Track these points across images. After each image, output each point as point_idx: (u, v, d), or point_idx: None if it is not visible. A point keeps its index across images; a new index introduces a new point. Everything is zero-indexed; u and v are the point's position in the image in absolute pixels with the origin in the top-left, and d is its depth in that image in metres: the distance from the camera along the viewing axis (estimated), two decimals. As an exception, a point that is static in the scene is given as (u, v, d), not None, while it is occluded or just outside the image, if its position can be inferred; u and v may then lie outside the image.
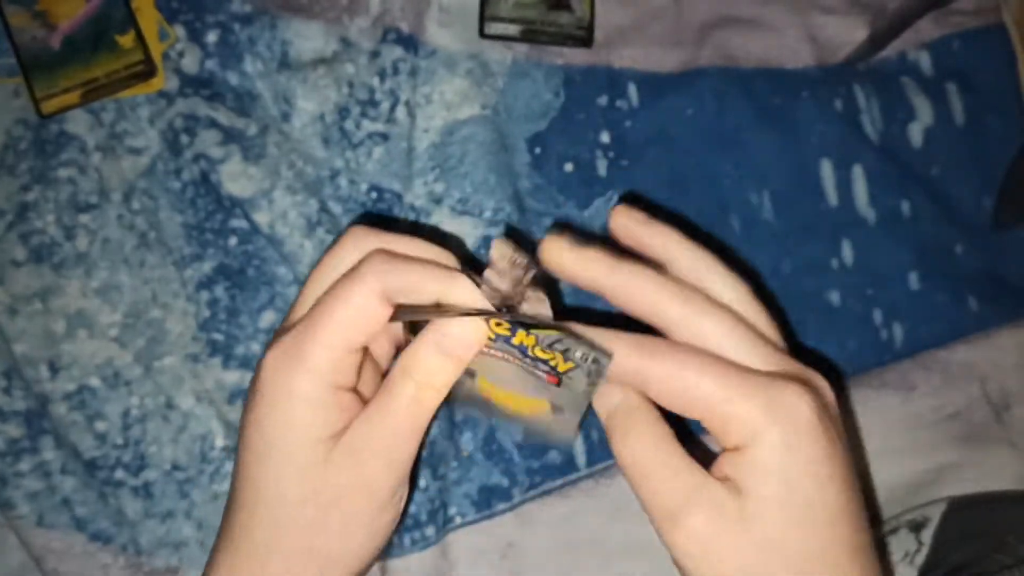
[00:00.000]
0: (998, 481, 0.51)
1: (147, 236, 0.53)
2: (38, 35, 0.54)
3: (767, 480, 0.31)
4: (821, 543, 0.31)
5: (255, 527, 0.34)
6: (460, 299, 0.33)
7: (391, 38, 0.56)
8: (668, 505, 0.32)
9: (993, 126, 0.57)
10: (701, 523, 0.31)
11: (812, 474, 0.31)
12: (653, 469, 0.32)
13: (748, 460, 0.31)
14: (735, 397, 0.31)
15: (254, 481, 0.34)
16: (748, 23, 0.58)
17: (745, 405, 0.31)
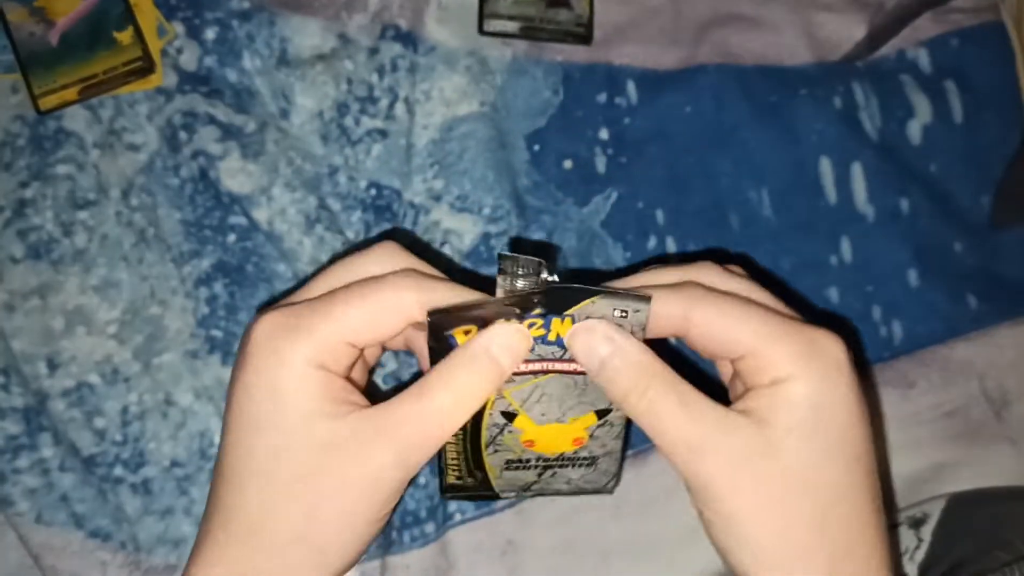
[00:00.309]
0: (997, 478, 0.51)
1: (146, 233, 0.53)
2: (36, 31, 0.54)
3: (800, 413, 0.31)
4: (846, 478, 0.32)
5: (244, 506, 0.32)
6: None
7: (390, 35, 0.56)
8: (692, 438, 0.31)
9: (991, 124, 0.57)
10: (727, 452, 0.31)
11: (845, 411, 0.32)
12: (673, 410, 0.32)
13: (782, 394, 0.32)
14: (777, 335, 0.32)
15: (246, 450, 0.32)
16: (747, 21, 0.58)
17: (785, 343, 0.32)
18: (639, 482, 0.51)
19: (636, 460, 0.52)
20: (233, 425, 0.33)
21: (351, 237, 0.54)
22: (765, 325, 0.32)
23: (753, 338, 0.32)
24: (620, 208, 0.55)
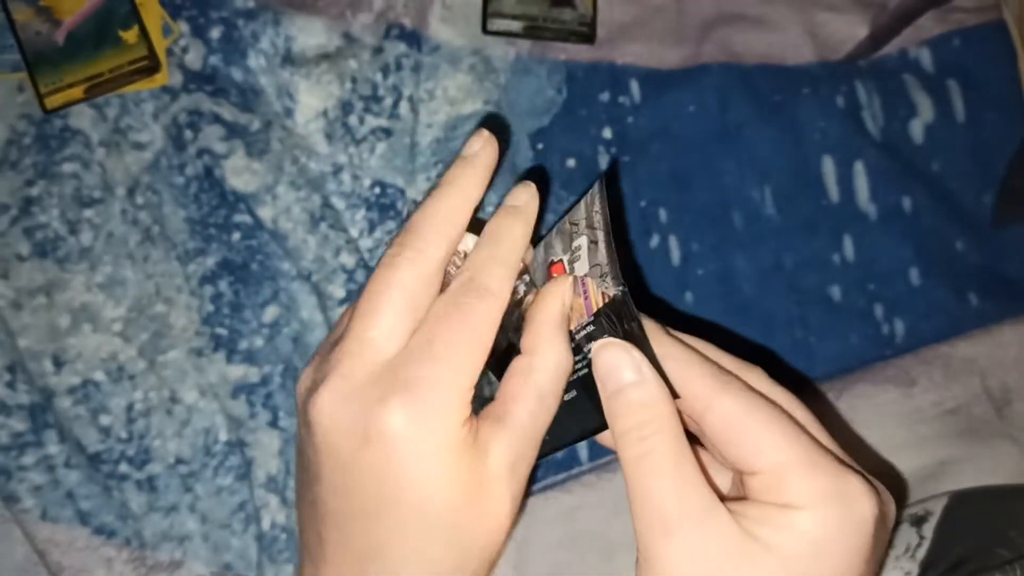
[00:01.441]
0: (999, 475, 0.51)
1: (151, 231, 0.54)
2: (42, 30, 0.54)
3: (799, 545, 0.28)
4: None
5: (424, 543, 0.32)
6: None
7: (394, 34, 0.56)
8: (665, 512, 0.29)
9: (994, 122, 0.57)
10: (699, 543, 0.28)
11: (846, 566, 0.29)
12: (663, 473, 0.29)
13: (788, 519, 0.29)
14: (807, 461, 0.29)
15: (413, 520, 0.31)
16: (750, 20, 0.58)
17: (812, 474, 0.29)
18: None
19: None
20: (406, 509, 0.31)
21: (355, 235, 0.54)
22: (797, 444, 0.29)
23: (776, 453, 0.29)
24: (623, 207, 0.55)
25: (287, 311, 0.53)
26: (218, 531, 0.51)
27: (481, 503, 0.31)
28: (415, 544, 0.31)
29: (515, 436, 0.32)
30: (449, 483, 0.31)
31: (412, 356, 0.31)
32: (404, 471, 0.30)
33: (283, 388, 0.52)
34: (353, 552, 0.32)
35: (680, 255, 0.55)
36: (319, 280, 0.53)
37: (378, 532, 0.31)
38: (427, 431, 0.30)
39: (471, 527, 0.31)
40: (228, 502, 0.52)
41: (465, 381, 0.31)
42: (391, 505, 0.31)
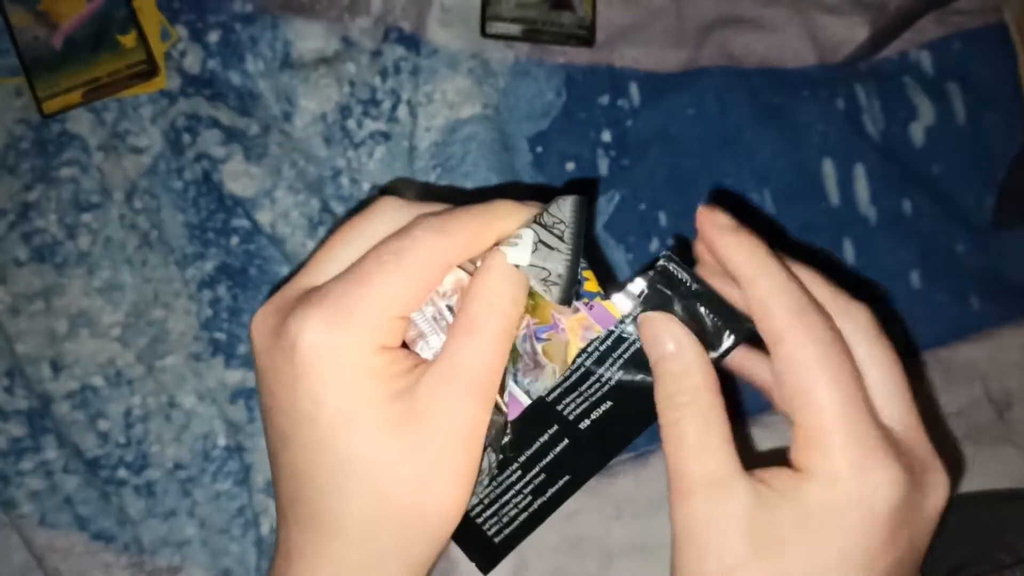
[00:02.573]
0: (1000, 479, 0.51)
1: (149, 235, 0.53)
2: (40, 35, 0.54)
3: (805, 516, 0.29)
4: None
5: (349, 504, 0.30)
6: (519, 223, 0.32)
7: (393, 37, 0.56)
8: (686, 476, 0.29)
9: (994, 125, 0.57)
10: (712, 508, 0.29)
11: (850, 545, 0.28)
12: (692, 439, 0.29)
13: (799, 489, 0.29)
14: (845, 431, 0.28)
15: (334, 457, 0.30)
16: (749, 23, 0.58)
17: (844, 446, 0.28)
18: (641, 483, 0.51)
19: (637, 462, 0.52)
20: (306, 433, 0.30)
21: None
22: (843, 407, 0.28)
23: (819, 413, 0.28)
24: (622, 210, 0.55)
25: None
26: (217, 536, 0.51)
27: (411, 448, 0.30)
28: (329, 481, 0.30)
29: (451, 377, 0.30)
30: (365, 419, 0.30)
31: (340, 276, 0.31)
32: (311, 386, 0.30)
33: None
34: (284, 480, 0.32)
35: (680, 259, 0.55)
36: (318, 284, 0.53)
37: (297, 464, 0.31)
38: (339, 345, 0.29)
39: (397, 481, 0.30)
40: (227, 507, 0.52)
41: (387, 305, 0.30)
42: (304, 428, 0.30)
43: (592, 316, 0.32)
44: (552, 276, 0.31)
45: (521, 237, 0.31)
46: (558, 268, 0.31)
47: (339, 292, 0.30)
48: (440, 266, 0.31)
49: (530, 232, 0.31)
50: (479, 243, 0.31)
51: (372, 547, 0.30)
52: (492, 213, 0.32)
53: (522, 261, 0.31)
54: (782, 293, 0.30)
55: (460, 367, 0.30)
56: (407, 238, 0.31)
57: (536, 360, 0.33)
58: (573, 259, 0.31)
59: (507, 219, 0.32)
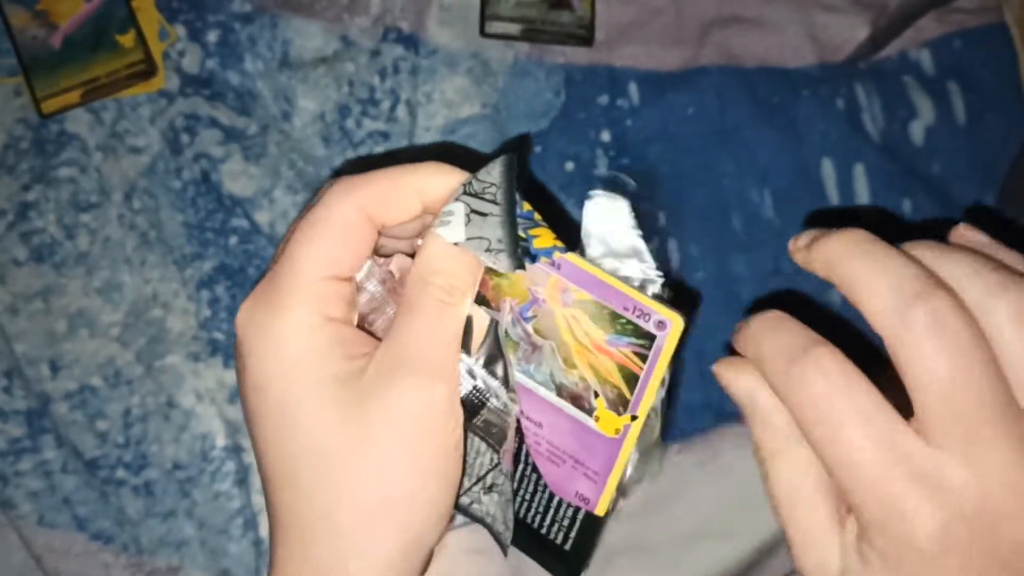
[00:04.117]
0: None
1: (148, 235, 0.53)
2: (39, 35, 0.54)
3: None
4: None
5: (307, 500, 0.28)
6: (444, 184, 0.30)
7: (392, 37, 0.56)
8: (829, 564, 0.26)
9: (994, 124, 0.57)
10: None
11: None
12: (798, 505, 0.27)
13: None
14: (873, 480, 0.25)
15: (283, 444, 0.28)
16: (749, 22, 0.58)
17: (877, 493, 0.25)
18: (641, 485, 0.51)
19: (638, 462, 0.52)
20: (260, 428, 0.29)
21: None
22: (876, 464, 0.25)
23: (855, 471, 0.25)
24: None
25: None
26: (215, 537, 0.51)
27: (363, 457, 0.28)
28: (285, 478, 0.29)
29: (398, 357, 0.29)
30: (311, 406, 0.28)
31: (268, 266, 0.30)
32: (254, 375, 0.28)
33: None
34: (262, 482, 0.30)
35: (679, 258, 0.55)
36: (317, 284, 0.53)
37: (261, 463, 0.29)
38: (272, 325, 0.28)
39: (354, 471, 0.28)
40: (226, 507, 0.51)
41: (311, 268, 0.29)
42: (258, 423, 0.29)
43: (563, 275, 0.30)
44: (493, 243, 0.29)
45: (453, 213, 0.29)
46: (496, 233, 0.29)
47: (267, 275, 0.29)
48: (357, 220, 0.29)
49: (460, 205, 0.29)
50: (397, 197, 0.30)
51: (339, 543, 0.28)
52: (408, 168, 0.30)
53: (458, 237, 0.29)
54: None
55: (405, 346, 0.29)
56: (320, 202, 0.29)
57: (532, 343, 0.31)
58: (508, 220, 0.29)
59: (426, 176, 0.30)
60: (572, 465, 0.31)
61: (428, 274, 0.29)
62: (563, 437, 0.31)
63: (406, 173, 0.30)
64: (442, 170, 0.30)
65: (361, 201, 0.29)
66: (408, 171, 0.30)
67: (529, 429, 0.32)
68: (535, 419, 0.32)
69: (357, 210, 0.29)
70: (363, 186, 0.29)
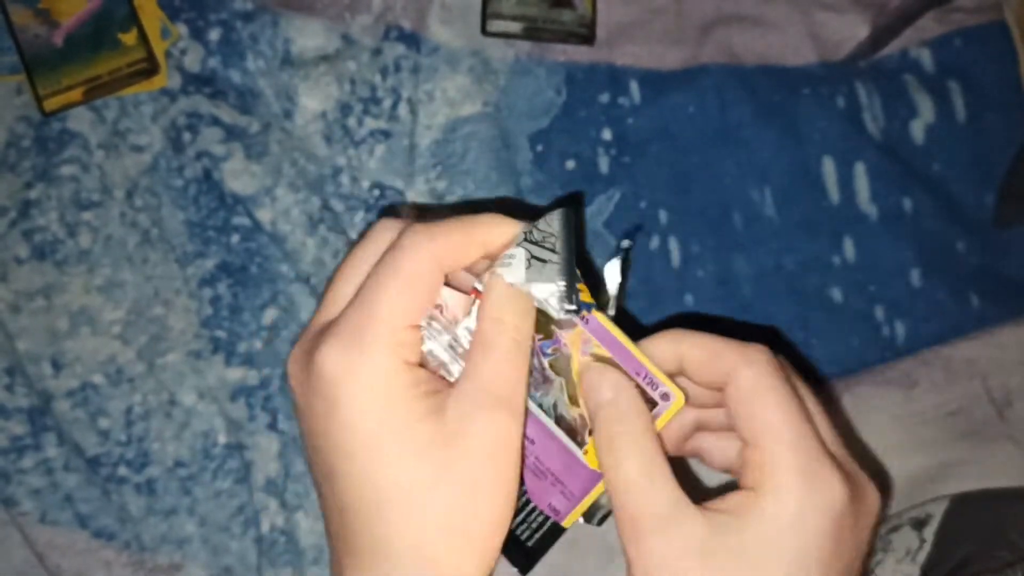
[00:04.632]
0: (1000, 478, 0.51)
1: (150, 233, 0.53)
2: (41, 33, 0.54)
3: (762, 527, 0.30)
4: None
5: (394, 530, 0.30)
6: (506, 234, 0.33)
7: (393, 35, 0.56)
8: (640, 516, 0.30)
9: (994, 123, 0.57)
10: (668, 543, 0.30)
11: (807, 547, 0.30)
12: (633, 479, 0.31)
13: (754, 503, 0.30)
14: (792, 444, 0.30)
15: (372, 487, 0.30)
16: (750, 20, 0.58)
17: (793, 456, 0.30)
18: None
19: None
20: (347, 463, 0.31)
21: (354, 237, 0.54)
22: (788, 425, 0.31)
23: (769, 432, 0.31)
24: (623, 208, 0.55)
25: (286, 313, 0.53)
26: (217, 534, 0.51)
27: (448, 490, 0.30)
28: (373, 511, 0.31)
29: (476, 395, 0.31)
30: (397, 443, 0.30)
31: (349, 304, 0.32)
32: (342, 415, 0.30)
33: (282, 391, 0.52)
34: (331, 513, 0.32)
35: (680, 257, 0.55)
36: (318, 282, 0.53)
37: (342, 497, 0.31)
38: (363, 374, 0.30)
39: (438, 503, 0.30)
40: (227, 505, 0.52)
41: (395, 316, 0.31)
42: (343, 460, 0.31)
43: (588, 329, 0.34)
44: (550, 288, 0.32)
45: (514, 257, 0.32)
46: (554, 280, 0.32)
47: (349, 317, 0.31)
48: (433, 271, 0.32)
49: (521, 251, 0.32)
50: (466, 248, 0.32)
51: (423, 567, 0.30)
52: (477, 221, 0.33)
53: (518, 279, 0.32)
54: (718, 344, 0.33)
55: (482, 384, 0.31)
56: (398, 249, 0.32)
57: (544, 375, 0.34)
58: (568, 268, 0.33)
59: (492, 228, 0.33)
60: (552, 482, 0.35)
61: (498, 313, 0.32)
62: (550, 457, 0.34)
63: (476, 225, 0.33)
64: (505, 221, 0.33)
65: (437, 252, 0.32)
66: (477, 223, 0.33)
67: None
68: (529, 435, 0.34)
69: (432, 260, 0.32)
70: (439, 237, 0.32)
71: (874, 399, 0.53)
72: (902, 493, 0.51)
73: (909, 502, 0.51)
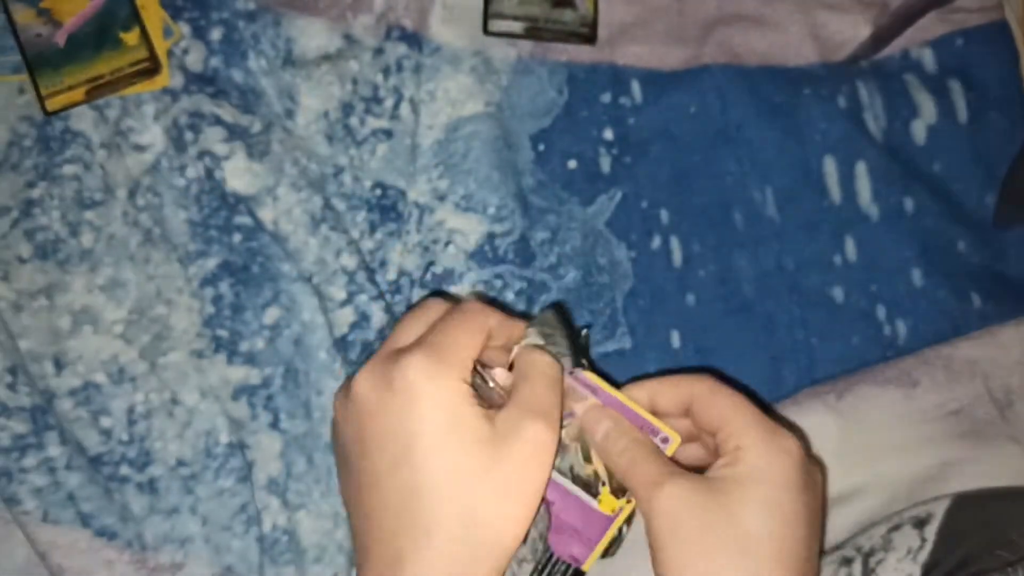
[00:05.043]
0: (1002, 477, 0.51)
1: (152, 233, 0.54)
2: (43, 32, 0.54)
3: (746, 471, 0.38)
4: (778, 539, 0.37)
5: (445, 507, 0.36)
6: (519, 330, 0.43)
7: (395, 35, 0.56)
8: (652, 475, 0.38)
9: (996, 123, 0.57)
10: (680, 494, 0.37)
11: (783, 483, 0.38)
12: (644, 457, 0.40)
13: (738, 456, 0.39)
14: (754, 422, 0.40)
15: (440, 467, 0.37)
16: (752, 20, 0.58)
17: (757, 427, 0.39)
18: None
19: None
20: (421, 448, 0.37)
21: (356, 237, 0.54)
22: (747, 411, 0.40)
23: (735, 417, 0.40)
24: (624, 207, 0.55)
25: (288, 313, 0.53)
26: (219, 533, 0.51)
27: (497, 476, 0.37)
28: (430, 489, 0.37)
29: (523, 409, 0.39)
30: (461, 435, 0.37)
31: (430, 332, 0.40)
32: (423, 412, 0.37)
33: (284, 390, 0.52)
34: (391, 509, 0.37)
35: (682, 256, 0.55)
36: (320, 282, 0.53)
37: (405, 480, 0.37)
38: (441, 380, 0.37)
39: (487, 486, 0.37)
40: (229, 504, 0.52)
41: (467, 355, 0.39)
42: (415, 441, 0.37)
43: (599, 399, 0.42)
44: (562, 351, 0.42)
45: (528, 336, 0.42)
46: (560, 348, 0.42)
47: (431, 342, 0.39)
48: (486, 328, 0.40)
49: (533, 331, 0.43)
50: (502, 329, 0.42)
51: (465, 547, 0.36)
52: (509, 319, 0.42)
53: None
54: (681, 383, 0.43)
55: (525, 401, 0.39)
56: (469, 305, 0.41)
57: (561, 443, 0.40)
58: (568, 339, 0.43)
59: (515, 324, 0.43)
60: (571, 534, 0.42)
61: (531, 357, 0.41)
62: (569, 513, 0.41)
63: (508, 318, 0.42)
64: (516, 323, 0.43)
65: (491, 321, 0.41)
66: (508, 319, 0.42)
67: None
68: (550, 497, 0.41)
69: (486, 325, 0.41)
70: (490, 314, 0.41)
71: (875, 398, 0.53)
72: (903, 492, 0.51)
73: (910, 501, 0.51)
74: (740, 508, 0.37)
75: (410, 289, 0.54)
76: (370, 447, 0.38)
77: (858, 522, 0.52)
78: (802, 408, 0.53)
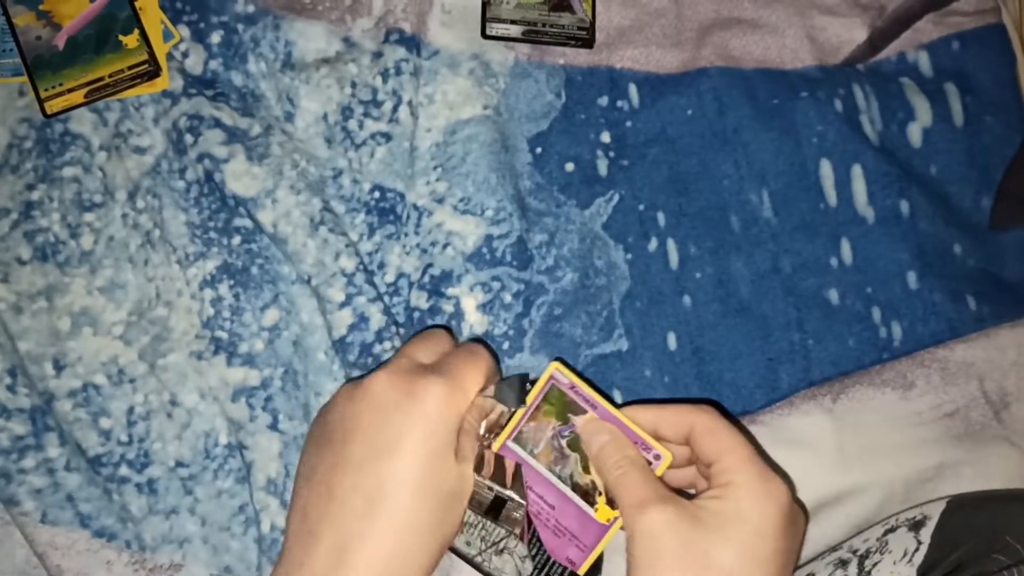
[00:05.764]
0: (997, 479, 0.51)
1: (151, 235, 0.54)
2: (43, 35, 0.54)
3: (733, 507, 0.40)
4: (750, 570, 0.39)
5: (413, 512, 0.41)
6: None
7: (394, 38, 0.56)
8: (640, 497, 0.41)
9: (992, 126, 0.57)
10: (664, 519, 0.40)
11: (767, 523, 0.40)
12: (635, 479, 0.42)
13: (728, 491, 0.41)
14: (747, 459, 0.42)
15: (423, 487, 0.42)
16: (748, 24, 0.58)
17: (751, 465, 0.41)
18: None
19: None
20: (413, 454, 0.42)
21: (355, 239, 0.55)
22: (742, 447, 0.42)
23: (729, 452, 0.42)
24: (621, 210, 0.56)
25: (287, 315, 0.53)
26: (218, 534, 0.52)
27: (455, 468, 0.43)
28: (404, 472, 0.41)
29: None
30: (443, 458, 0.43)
31: (446, 362, 0.45)
32: (426, 425, 0.42)
33: (283, 391, 0.53)
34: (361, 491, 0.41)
35: (678, 258, 0.55)
36: (319, 284, 0.53)
37: (385, 468, 0.41)
38: (452, 409, 0.43)
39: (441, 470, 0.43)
40: (228, 505, 0.52)
41: (475, 392, 0.44)
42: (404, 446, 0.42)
43: (597, 414, 0.45)
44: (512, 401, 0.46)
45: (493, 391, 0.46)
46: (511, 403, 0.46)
47: (451, 371, 0.44)
48: (490, 373, 0.46)
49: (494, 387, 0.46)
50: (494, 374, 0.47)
51: (419, 517, 0.41)
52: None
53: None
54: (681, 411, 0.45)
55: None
56: (479, 348, 0.46)
57: (562, 452, 0.44)
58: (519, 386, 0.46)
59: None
60: (569, 538, 0.44)
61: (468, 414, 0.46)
62: (567, 518, 0.44)
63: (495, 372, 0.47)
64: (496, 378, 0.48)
65: (492, 367, 0.46)
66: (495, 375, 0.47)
67: (543, 509, 0.45)
68: (549, 502, 0.45)
69: (492, 366, 0.46)
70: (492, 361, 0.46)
71: (871, 400, 0.53)
72: (899, 495, 0.52)
73: (906, 503, 0.51)
74: (720, 544, 0.39)
75: (409, 291, 0.55)
76: (364, 433, 0.42)
77: (854, 524, 0.52)
78: (798, 410, 0.53)
